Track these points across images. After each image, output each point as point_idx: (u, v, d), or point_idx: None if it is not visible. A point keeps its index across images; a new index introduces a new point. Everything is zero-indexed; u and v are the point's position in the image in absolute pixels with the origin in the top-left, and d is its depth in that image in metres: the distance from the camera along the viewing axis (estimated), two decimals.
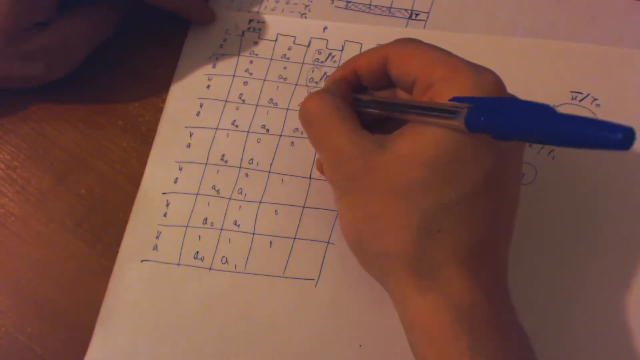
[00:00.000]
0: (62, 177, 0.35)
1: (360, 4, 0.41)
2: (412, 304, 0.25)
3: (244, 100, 0.37)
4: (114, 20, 0.37)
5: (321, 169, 0.32)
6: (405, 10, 0.40)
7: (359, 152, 0.25)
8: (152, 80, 0.38)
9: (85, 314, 0.32)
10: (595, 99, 0.36)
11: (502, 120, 0.21)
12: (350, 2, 0.41)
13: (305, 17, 0.40)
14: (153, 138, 0.36)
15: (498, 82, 0.24)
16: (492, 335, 0.24)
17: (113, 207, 0.35)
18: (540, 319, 0.31)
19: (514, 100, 0.23)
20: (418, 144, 0.24)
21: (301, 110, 0.29)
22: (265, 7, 0.40)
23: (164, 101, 0.37)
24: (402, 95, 0.29)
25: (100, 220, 0.34)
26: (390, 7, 0.40)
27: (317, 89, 0.37)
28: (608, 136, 0.18)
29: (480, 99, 0.23)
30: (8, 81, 0.35)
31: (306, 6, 0.40)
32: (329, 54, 0.38)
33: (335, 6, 0.40)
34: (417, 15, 0.39)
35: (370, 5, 0.41)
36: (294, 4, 0.40)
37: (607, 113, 0.35)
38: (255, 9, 0.40)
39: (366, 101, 0.29)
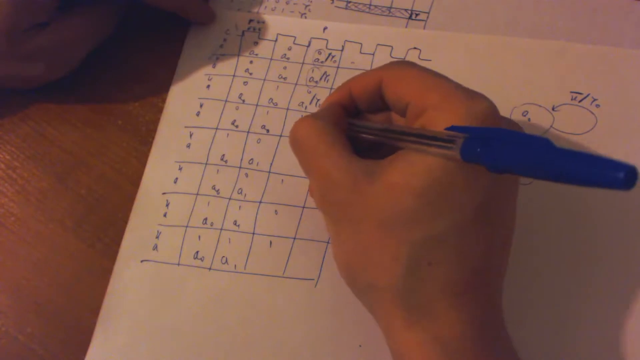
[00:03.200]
0: (62, 177, 0.35)
1: (360, 4, 0.41)
2: (399, 336, 0.24)
3: (244, 101, 0.37)
4: (113, 20, 0.37)
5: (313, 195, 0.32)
6: (405, 10, 0.40)
7: (349, 180, 0.25)
8: (152, 80, 0.38)
9: (85, 314, 0.32)
10: (594, 100, 0.36)
11: (498, 152, 0.21)
12: (350, 2, 0.41)
13: (305, 17, 0.40)
14: (153, 138, 0.36)
15: (491, 109, 0.24)
16: None
17: (113, 207, 0.35)
18: (539, 320, 0.30)
19: (511, 132, 0.22)
20: (409, 173, 0.24)
21: (291, 136, 0.28)
22: (265, 7, 0.40)
23: (164, 101, 0.37)
24: (397, 119, 0.29)
25: (100, 220, 0.34)
26: (391, 7, 0.40)
27: (317, 88, 0.37)
28: (608, 175, 0.17)
29: (477, 128, 0.23)
30: (8, 81, 0.35)
31: (306, 6, 0.40)
32: (329, 54, 0.38)
33: (336, 6, 0.40)
34: (417, 15, 0.39)
35: (370, 5, 0.41)
36: (294, 3, 0.40)
37: (607, 113, 0.35)
38: (255, 9, 0.40)
39: (361, 126, 0.28)
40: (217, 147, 0.35)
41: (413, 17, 0.39)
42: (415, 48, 0.37)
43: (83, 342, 0.31)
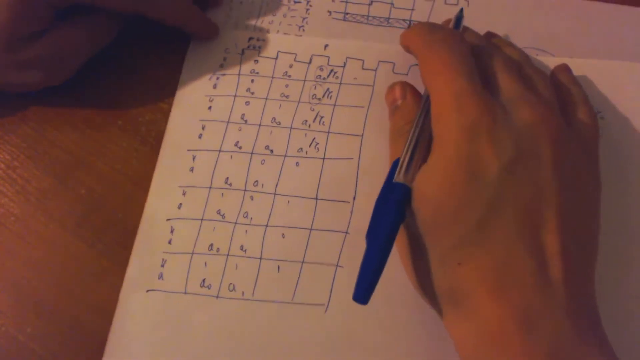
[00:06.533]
0: (62, 177, 0.35)
1: (358, 15, 0.40)
2: (452, 333, 0.26)
3: (246, 121, 0.36)
4: (113, 29, 0.37)
5: None
6: (404, 20, 0.40)
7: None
8: (152, 79, 0.38)
9: (85, 314, 0.32)
10: (599, 112, 0.35)
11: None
12: (348, 13, 0.40)
13: (303, 30, 0.39)
14: (153, 138, 0.36)
15: (476, 122, 0.26)
16: (521, 356, 0.23)
17: (113, 207, 0.34)
18: None
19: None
20: (423, 181, 0.27)
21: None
22: (263, 21, 0.39)
23: (164, 101, 0.37)
24: None
25: (100, 220, 0.34)
26: (389, 18, 0.40)
27: (320, 105, 0.36)
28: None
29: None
30: (5, 87, 0.35)
31: (304, 19, 0.40)
32: (331, 71, 0.37)
33: (333, 18, 0.40)
34: None
35: (368, 16, 0.40)
36: (292, 17, 0.40)
37: (611, 126, 0.35)
38: (252, 22, 0.39)
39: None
40: (221, 169, 0.35)
41: None
42: (416, 64, 0.37)
43: (83, 342, 0.31)
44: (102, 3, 0.34)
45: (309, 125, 0.36)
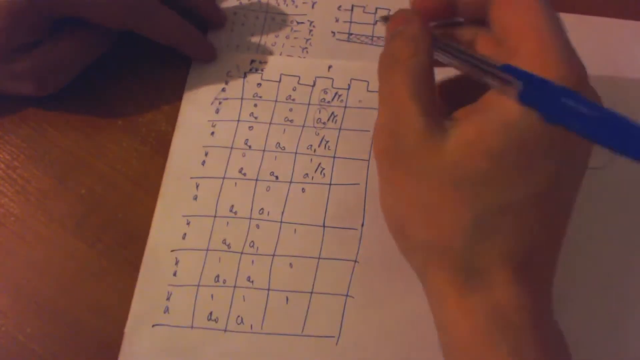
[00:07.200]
0: (62, 177, 0.35)
1: (362, 35, 0.40)
2: (450, 304, 0.23)
3: (250, 146, 0.35)
4: (107, 42, 0.36)
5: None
6: None
7: (421, 129, 0.23)
8: (152, 79, 0.38)
9: (85, 314, 0.32)
10: None
11: (557, 100, 0.20)
12: (352, 34, 0.40)
13: (307, 52, 0.38)
14: (153, 138, 0.36)
15: (582, 79, 0.23)
16: (533, 344, 0.22)
17: (113, 207, 0.34)
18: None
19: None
20: (486, 130, 0.22)
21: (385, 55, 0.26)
22: (265, 43, 0.39)
23: (164, 101, 0.37)
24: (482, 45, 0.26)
25: (100, 220, 0.34)
26: None
27: (325, 130, 0.35)
28: None
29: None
30: (2, 94, 0.35)
31: (307, 40, 0.39)
32: (335, 93, 0.37)
33: (337, 39, 0.39)
34: None
35: (372, 36, 0.39)
36: (295, 38, 0.39)
37: None
38: (255, 44, 0.38)
39: (446, 45, 0.26)
40: (226, 197, 0.34)
41: None
42: None
43: (83, 342, 0.31)
44: (95, 19, 0.33)
45: (314, 150, 0.35)
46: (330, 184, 0.34)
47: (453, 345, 0.24)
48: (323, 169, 0.34)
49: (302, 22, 0.39)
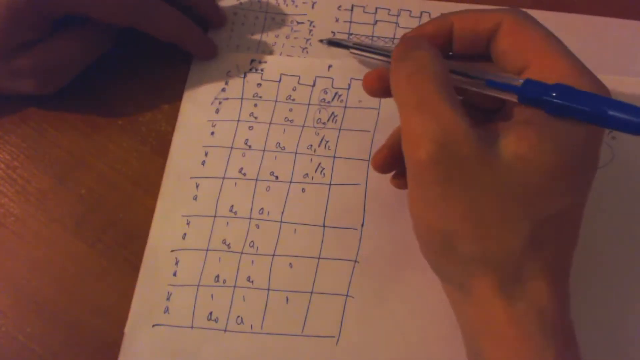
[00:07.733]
0: (62, 177, 0.35)
1: (362, 35, 0.39)
2: (498, 312, 0.24)
3: (250, 146, 0.35)
4: (108, 41, 0.36)
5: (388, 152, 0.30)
6: None
7: (472, 145, 0.23)
8: (152, 79, 0.38)
9: (85, 314, 0.32)
10: (610, 132, 0.35)
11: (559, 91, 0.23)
12: (352, 33, 0.40)
13: (307, 52, 0.38)
14: (153, 138, 0.36)
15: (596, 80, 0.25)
16: (572, 344, 0.24)
17: (113, 207, 0.34)
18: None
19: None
20: (539, 149, 0.23)
21: (398, 70, 0.26)
22: (266, 43, 0.39)
23: (164, 101, 0.37)
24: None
25: (100, 220, 0.34)
26: (394, 39, 0.39)
27: (325, 130, 0.35)
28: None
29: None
30: (2, 93, 0.35)
31: (307, 40, 0.39)
32: (335, 93, 0.37)
33: None
34: None
35: (372, 36, 0.39)
36: (295, 38, 0.39)
37: (623, 143, 0.35)
38: (255, 44, 0.38)
39: (460, 72, 0.26)
40: (225, 197, 0.34)
41: None
42: None
43: (83, 342, 0.31)
44: (96, 15, 0.33)
45: (314, 150, 0.35)
46: (330, 184, 0.34)
47: (493, 350, 0.24)
48: (323, 169, 0.34)
49: (302, 22, 0.39)
